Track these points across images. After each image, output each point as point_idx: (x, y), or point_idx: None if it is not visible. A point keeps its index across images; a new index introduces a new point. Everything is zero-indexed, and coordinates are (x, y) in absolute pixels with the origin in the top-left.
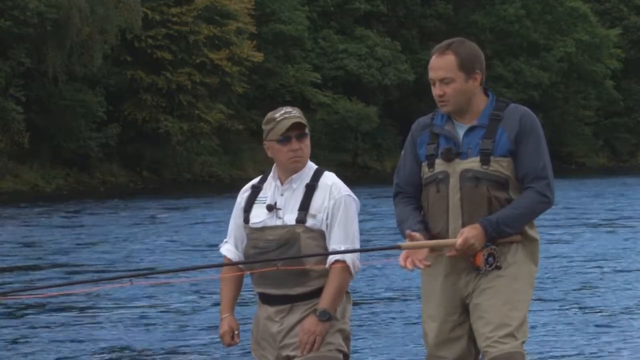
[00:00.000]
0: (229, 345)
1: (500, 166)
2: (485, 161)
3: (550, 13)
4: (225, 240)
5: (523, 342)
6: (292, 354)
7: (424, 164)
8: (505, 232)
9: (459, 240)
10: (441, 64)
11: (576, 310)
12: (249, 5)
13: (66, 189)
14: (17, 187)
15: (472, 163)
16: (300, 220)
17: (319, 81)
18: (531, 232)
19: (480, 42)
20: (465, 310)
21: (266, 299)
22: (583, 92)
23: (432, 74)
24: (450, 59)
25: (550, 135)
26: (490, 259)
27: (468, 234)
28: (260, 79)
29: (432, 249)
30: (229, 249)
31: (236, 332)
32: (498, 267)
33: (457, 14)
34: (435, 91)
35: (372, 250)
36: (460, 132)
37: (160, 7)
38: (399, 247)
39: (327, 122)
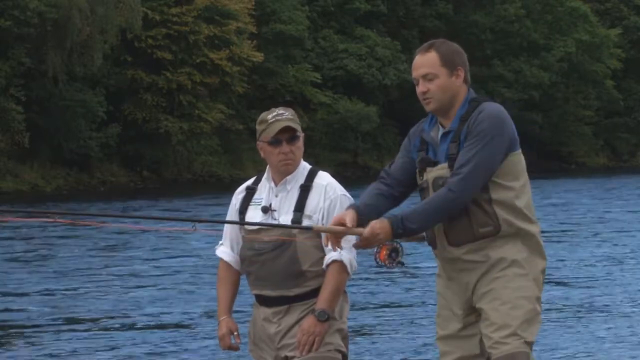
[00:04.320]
0: (229, 348)
1: None
2: (452, 166)
3: (550, 13)
4: (220, 242)
5: (530, 342)
6: (290, 354)
7: (417, 171)
8: (410, 228)
9: (365, 230)
10: (423, 62)
11: (573, 311)
12: (249, 5)
13: (66, 189)
14: (17, 187)
15: (442, 170)
16: (296, 221)
17: (319, 81)
18: (528, 227)
19: (480, 42)
20: (474, 310)
21: (263, 301)
22: (583, 92)
23: (414, 73)
24: (432, 56)
25: (551, 135)
26: (393, 254)
27: (375, 224)
28: (260, 79)
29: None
30: (224, 251)
31: (235, 334)
32: (401, 263)
33: (457, 14)
34: (419, 89)
35: (287, 227)
36: (440, 138)
37: (160, 7)
38: (311, 229)
39: (327, 122)
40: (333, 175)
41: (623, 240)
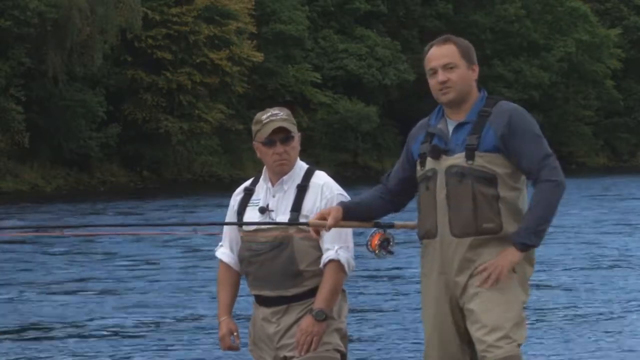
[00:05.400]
0: (229, 348)
1: (486, 161)
2: (470, 156)
3: (550, 13)
4: (220, 244)
5: (520, 344)
6: (289, 354)
7: (417, 162)
8: (542, 232)
9: (490, 278)
10: (443, 52)
11: (571, 312)
12: (249, 5)
13: (66, 189)
14: (17, 187)
15: (458, 159)
16: (293, 221)
17: (319, 81)
18: None
19: (480, 42)
20: (459, 310)
21: (262, 301)
22: (583, 92)
23: (433, 63)
24: (452, 47)
25: (551, 135)
26: (385, 243)
27: (498, 262)
28: (260, 79)
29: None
30: (224, 252)
31: (235, 334)
32: (390, 252)
33: (457, 13)
34: (439, 77)
35: (284, 224)
36: (451, 129)
37: (160, 7)
38: (306, 224)
39: (327, 122)
40: (333, 175)
41: (615, 242)
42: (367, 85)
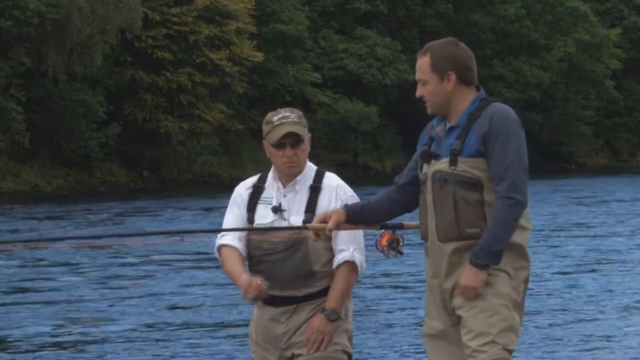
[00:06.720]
0: (257, 297)
1: (469, 167)
2: (453, 162)
3: (550, 13)
4: (220, 235)
5: (509, 349)
6: (297, 352)
7: (418, 165)
8: (497, 252)
9: (459, 291)
10: (419, 66)
11: (570, 313)
12: (249, 5)
13: (66, 189)
14: (17, 187)
15: (443, 164)
16: (307, 221)
17: (319, 81)
18: (515, 235)
19: (480, 42)
20: (453, 312)
21: (271, 301)
22: (583, 92)
23: (415, 75)
24: (425, 60)
25: (550, 135)
26: (394, 243)
27: (464, 282)
28: (260, 79)
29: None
30: (230, 239)
31: (259, 282)
32: (399, 252)
33: (457, 13)
34: (416, 92)
35: (280, 229)
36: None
37: (160, 7)
38: (306, 228)
39: (328, 122)
40: None
41: (615, 243)
42: (367, 85)
